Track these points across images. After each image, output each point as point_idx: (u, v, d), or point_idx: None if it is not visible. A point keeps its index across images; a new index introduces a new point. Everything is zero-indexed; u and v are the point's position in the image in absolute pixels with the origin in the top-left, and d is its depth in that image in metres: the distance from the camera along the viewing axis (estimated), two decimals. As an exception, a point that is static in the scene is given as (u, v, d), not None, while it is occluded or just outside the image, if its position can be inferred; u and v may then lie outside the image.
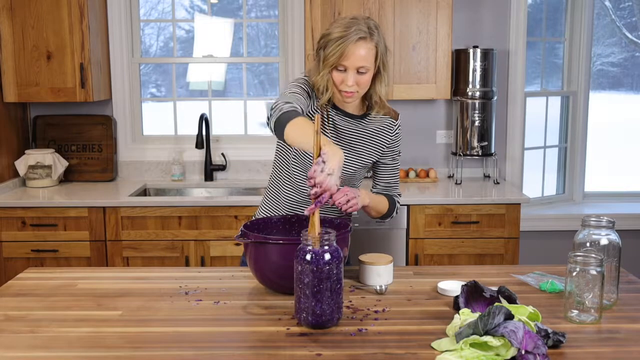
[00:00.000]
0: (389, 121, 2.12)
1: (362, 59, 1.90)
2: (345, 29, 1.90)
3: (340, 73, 1.93)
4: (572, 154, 4.08)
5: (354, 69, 1.91)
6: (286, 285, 1.72)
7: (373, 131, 2.09)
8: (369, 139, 2.09)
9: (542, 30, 4.03)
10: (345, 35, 1.89)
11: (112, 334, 1.58)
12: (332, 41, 1.91)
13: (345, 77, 1.92)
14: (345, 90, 1.94)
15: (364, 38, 1.90)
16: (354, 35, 1.89)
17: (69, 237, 3.21)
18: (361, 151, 2.08)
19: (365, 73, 1.93)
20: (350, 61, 1.90)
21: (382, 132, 2.11)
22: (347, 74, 1.92)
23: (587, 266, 1.59)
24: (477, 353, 1.37)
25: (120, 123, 3.78)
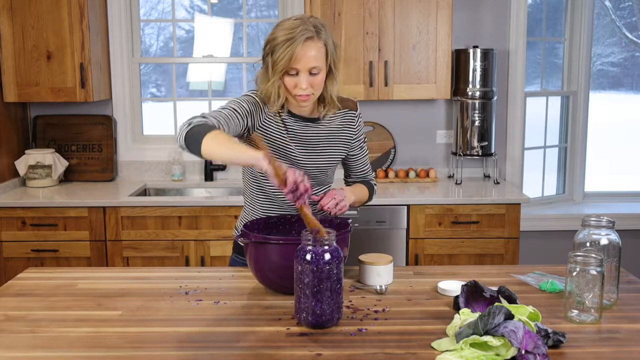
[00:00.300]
0: (349, 115, 2.09)
1: (312, 59, 1.85)
2: (291, 30, 1.84)
3: (292, 77, 1.87)
4: (572, 154, 4.08)
5: (306, 70, 1.86)
6: (286, 285, 1.72)
7: (336, 129, 2.07)
8: (334, 137, 2.07)
9: (542, 30, 4.03)
10: (292, 37, 1.83)
11: (112, 334, 1.58)
12: (279, 45, 1.84)
13: (298, 81, 1.87)
14: (300, 94, 1.89)
15: (312, 38, 1.84)
16: (300, 36, 1.83)
17: (69, 237, 3.21)
18: (328, 151, 2.06)
19: (317, 74, 1.88)
20: (301, 63, 1.84)
21: (345, 128, 2.09)
22: (300, 77, 1.87)
23: (587, 266, 1.59)
24: (477, 353, 1.37)
25: (120, 123, 3.79)
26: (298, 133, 2.02)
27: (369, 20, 3.37)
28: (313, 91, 1.91)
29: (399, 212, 3.23)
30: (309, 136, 2.03)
